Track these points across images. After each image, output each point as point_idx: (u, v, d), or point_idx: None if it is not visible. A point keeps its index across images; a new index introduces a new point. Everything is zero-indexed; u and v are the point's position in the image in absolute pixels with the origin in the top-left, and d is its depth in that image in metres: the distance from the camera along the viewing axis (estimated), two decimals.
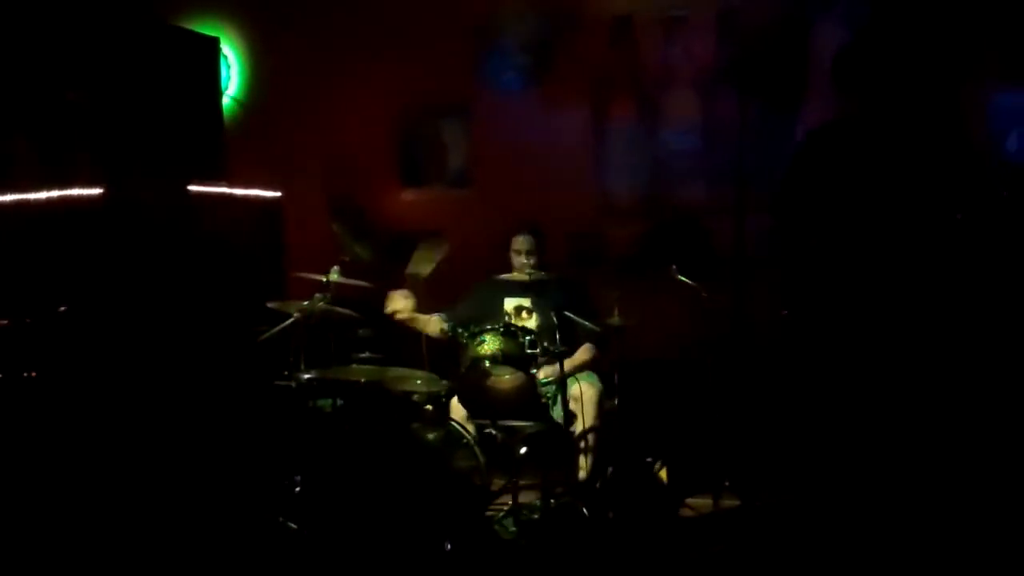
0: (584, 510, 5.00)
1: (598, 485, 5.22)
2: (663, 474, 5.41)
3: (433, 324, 5.58)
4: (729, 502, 5.42)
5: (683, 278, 5.58)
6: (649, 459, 5.42)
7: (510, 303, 5.69)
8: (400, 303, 5.55)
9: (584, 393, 5.27)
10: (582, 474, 5.30)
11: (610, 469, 5.24)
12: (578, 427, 5.24)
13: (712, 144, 6.95)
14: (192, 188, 5.88)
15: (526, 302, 5.66)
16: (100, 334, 5.54)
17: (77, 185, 5.77)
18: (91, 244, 5.68)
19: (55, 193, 5.76)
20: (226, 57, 7.19)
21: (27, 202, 5.81)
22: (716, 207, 6.78)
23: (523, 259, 5.65)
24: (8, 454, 5.16)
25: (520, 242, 5.71)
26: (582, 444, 5.30)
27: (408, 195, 7.33)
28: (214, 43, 6.68)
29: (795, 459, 5.70)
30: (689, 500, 5.43)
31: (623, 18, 7.02)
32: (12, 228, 5.79)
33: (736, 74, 6.78)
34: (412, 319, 5.57)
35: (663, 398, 5.98)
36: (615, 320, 5.28)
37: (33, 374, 5.40)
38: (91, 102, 6.09)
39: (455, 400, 5.32)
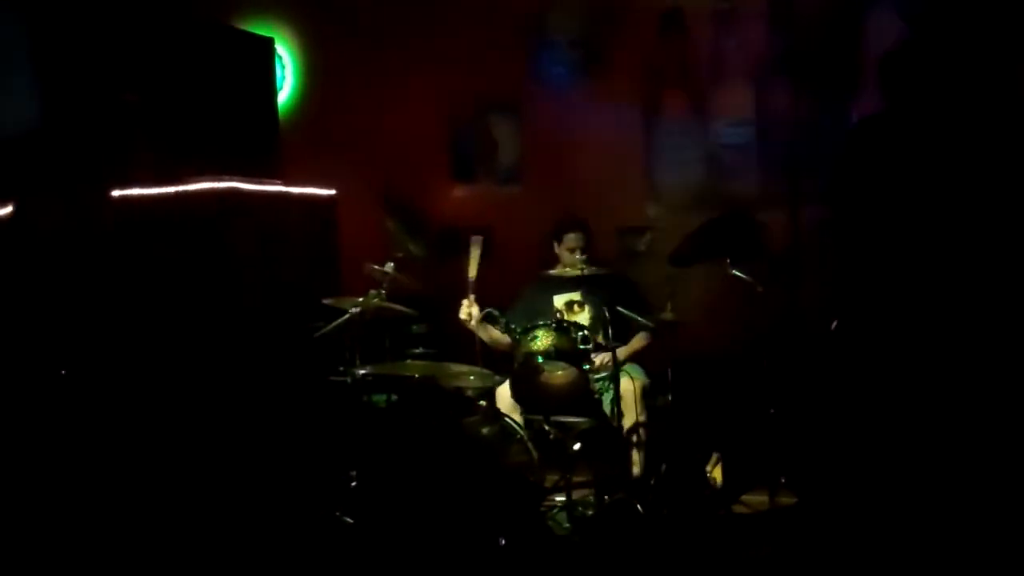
0: (638, 507, 5.00)
1: (652, 482, 5.21)
2: (718, 471, 5.39)
3: (493, 331, 5.60)
4: (785, 499, 5.38)
5: (737, 272, 5.54)
6: (704, 456, 5.40)
7: (560, 299, 5.70)
8: (467, 309, 5.57)
9: (628, 388, 5.26)
10: (636, 470, 5.29)
11: (664, 466, 5.23)
12: (627, 422, 5.24)
13: (765, 136, 6.89)
14: (249, 187, 5.93)
15: (576, 296, 5.67)
16: (160, 330, 5.62)
17: (135, 185, 5.85)
18: (149, 242, 5.76)
19: (116, 192, 5.83)
20: (280, 57, 7.25)
21: (86, 201, 5.90)
22: (769, 200, 6.73)
23: (576, 256, 5.65)
24: (62, 451, 5.25)
25: (572, 239, 5.71)
26: (633, 439, 5.29)
27: (459, 191, 7.35)
28: (269, 43, 6.74)
29: (853, 456, 5.64)
30: (744, 497, 5.40)
31: (673, 10, 6.98)
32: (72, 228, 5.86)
33: (788, 65, 6.72)
34: (480, 328, 5.57)
35: (717, 394, 5.94)
36: (668, 315, 5.27)
37: (86, 373, 5.50)
38: (148, 103, 6.16)
39: (503, 394, 5.33)
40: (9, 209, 5.79)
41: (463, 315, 5.52)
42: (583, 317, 5.58)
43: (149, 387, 5.50)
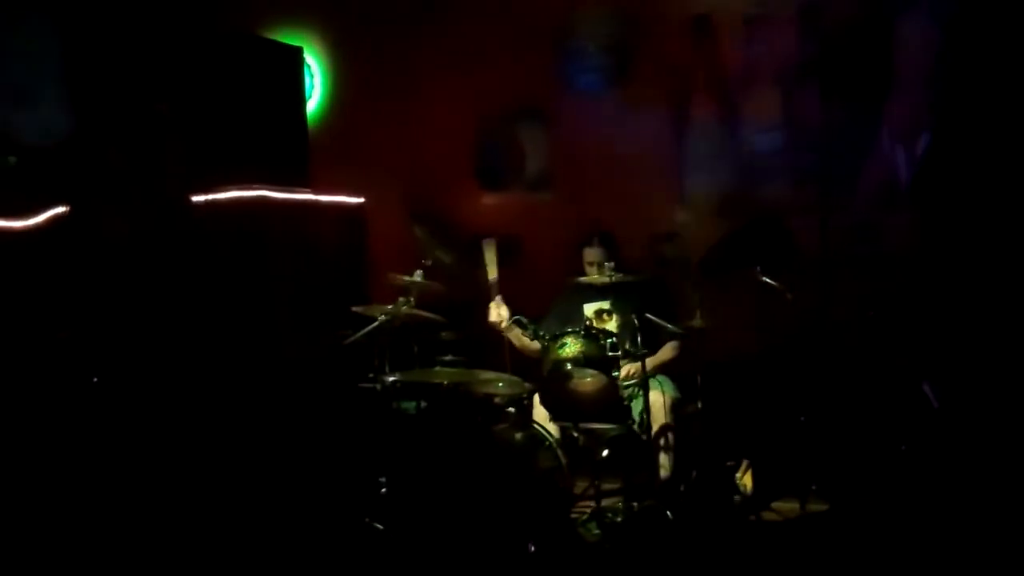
0: (668, 513, 4.98)
1: (682, 488, 5.20)
2: (748, 478, 5.37)
3: (526, 340, 5.60)
4: (816, 506, 5.34)
5: (767, 279, 5.52)
6: (733, 462, 5.37)
7: (590, 308, 5.69)
8: (497, 312, 5.57)
9: (655, 401, 5.25)
10: (664, 473, 5.28)
11: (694, 472, 5.21)
12: (655, 428, 5.23)
13: (795, 143, 6.85)
14: (279, 195, 5.96)
15: (606, 305, 5.66)
16: (192, 337, 5.65)
17: (167, 194, 5.89)
18: (178, 251, 5.79)
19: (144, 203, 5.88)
20: (309, 66, 7.29)
21: (119, 210, 5.94)
22: (799, 207, 6.70)
23: (594, 270, 5.63)
24: (99, 456, 5.29)
25: (590, 255, 5.69)
26: (661, 442, 5.27)
27: (488, 199, 7.35)
28: (298, 53, 6.78)
29: (883, 463, 5.60)
30: (775, 504, 5.37)
31: (703, 17, 6.95)
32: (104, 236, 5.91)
33: (818, 71, 6.69)
34: (509, 329, 5.58)
35: (747, 400, 5.91)
36: (697, 322, 5.26)
37: (120, 379, 5.54)
38: (179, 113, 6.21)
39: (538, 402, 5.34)
40: (46, 216, 5.84)
41: (493, 318, 5.55)
42: (612, 325, 5.56)
43: (181, 393, 5.53)
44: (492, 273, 5.53)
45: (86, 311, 5.69)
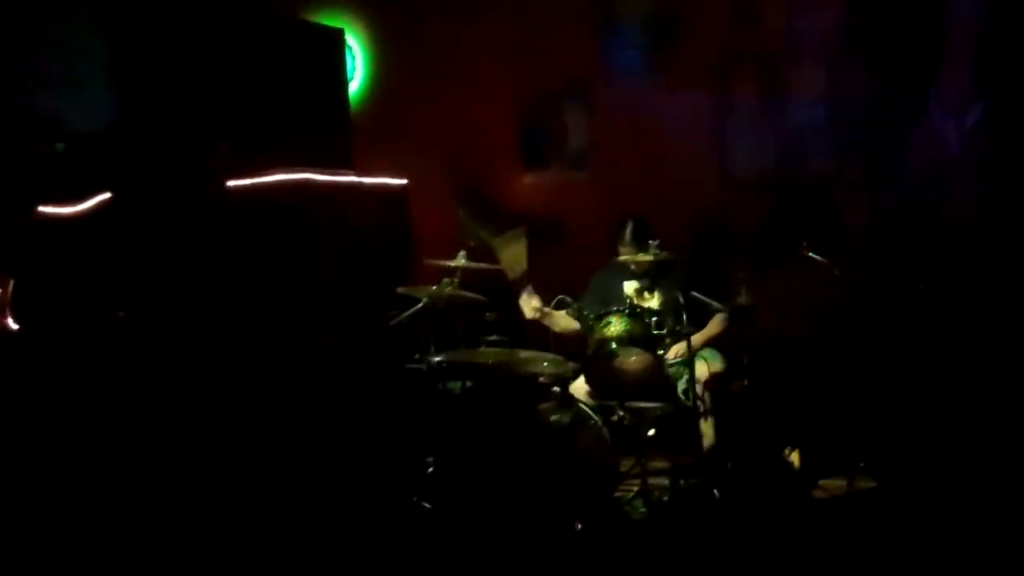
0: (715, 492, 4.97)
1: (729, 466, 5.18)
2: (796, 455, 5.34)
3: (563, 319, 5.60)
4: (864, 484, 5.31)
5: (814, 254, 5.47)
6: (781, 440, 5.35)
7: (629, 286, 5.67)
8: (530, 305, 5.58)
9: (701, 373, 5.24)
10: (706, 442, 5.26)
11: (741, 450, 5.19)
12: (701, 405, 5.22)
13: (841, 117, 6.79)
14: (323, 178, 5.99)
15: (646, 282, 5.63)
16: (240, 320, 5.70)
17: (212, 177, 5.92)
18: (225, 234, 5.83)
19: (192, 187, 5.91)
20: (351, 48, 7.31)
21: (165, 195, 5.99)
22: (846, 181, 6.63)
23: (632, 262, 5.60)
24: (153, 435, 5.36)
25: (625, 252, 5.63)
26: (701, 409, 5.26)
27: (530, 178, 7.34)
28: (339, 35, 6.79)
29: (932, 440, 5.55)
30: (822, 482, 5.34)
31: None
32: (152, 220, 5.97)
33: (865, 44, 6.61)
34: (544, 315, 5.58)
35: (794, 378, 5.87)
36: (743, 299, 5.23)
37: (170, 359, 5.61)
38: (224, 97, 6.24)
39: (579, 380, 5.34)
40: (93, 202, 5.91)
41: (529, 314, 5.54)
42: (654, 303, 5.54)
43: (229, 375, 5.58)
44: (521, 266, 5.51)
45: (134, 296, 5.75)
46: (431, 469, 5.20)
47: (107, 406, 5.45)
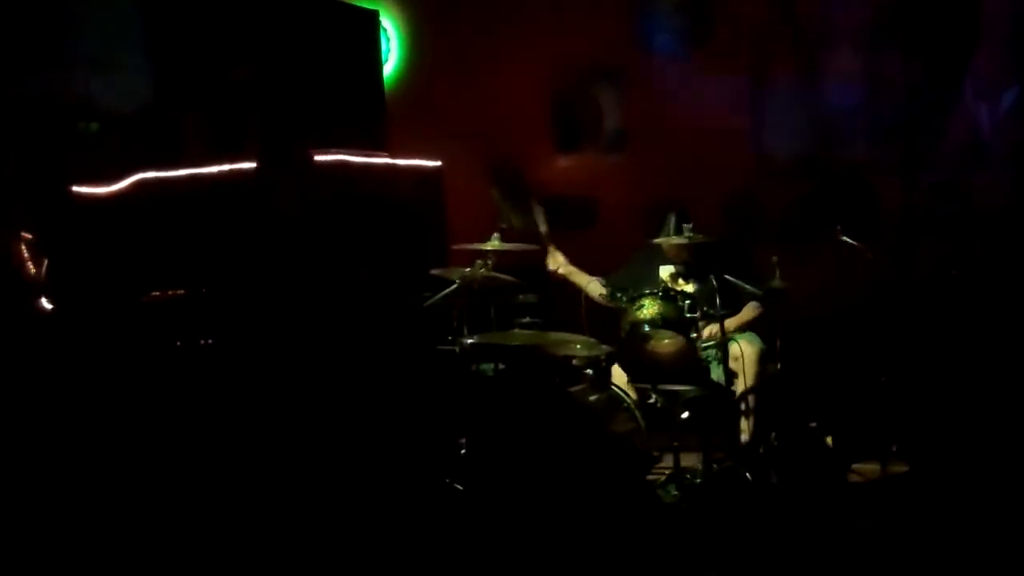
0: (748, 475, 4.97)
1: (762, 450, 5.18)
2: (829, 439, 5.33)
3: (594, 285, 5.60)
4: (897, 468, 5.29)
5: (848, 238, 5.44)
6: (814, 424, 5.33)
7: (665, 270, 5.66)
8: (554, 261, 5.61)
9: (744, 352, 5.23)
10: (744, 436, 5.27)
11: (774, 434, 5.18)
12: (739, 387, 5.21)
13: (876, 101, 6.75)
14: (358, 160, 5.99)
15: (682, 268, 5.62)
16: (277, 302, 5.72)
17: (245, 159, 5.94)
18: (262, 216, 5.85)
19: (226, 167, 5.93)
20: (385, 30, 7.30)
21: (200, 176, 6.01)
22: (881, 165, 6.60)
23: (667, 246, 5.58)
24: (188, 417, 5.39)
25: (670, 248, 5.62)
26: (743, 406, 5.26)
27: (564, 160, 7.33)
28: (374, 16, 6.79)
29: (965, 425, 5.53)
30: (856, 466, 5.33)
31: None
32: (186, 201, 5.99)
33: (900, 27, 6.56)
34: (570, 273, 5.60)
35: (828, 361, 5.86)
36: (776, 283, 5.21)
37: (210, 341, 5.63)
38: (257, 78, 6.25)
39: (614, 364, 5.35)
40: (128, 182, 5.93)
41: (551, 266, 5.59)
42: (689, 286, 5.53)
43: (263, 357, 5.61)
44: (543, 226, 5.57)
45: (169, 275, 5.79)
46: (463, 451, 5.21)
47: (142, 385, 5.50)
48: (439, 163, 6.52)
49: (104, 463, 5.14)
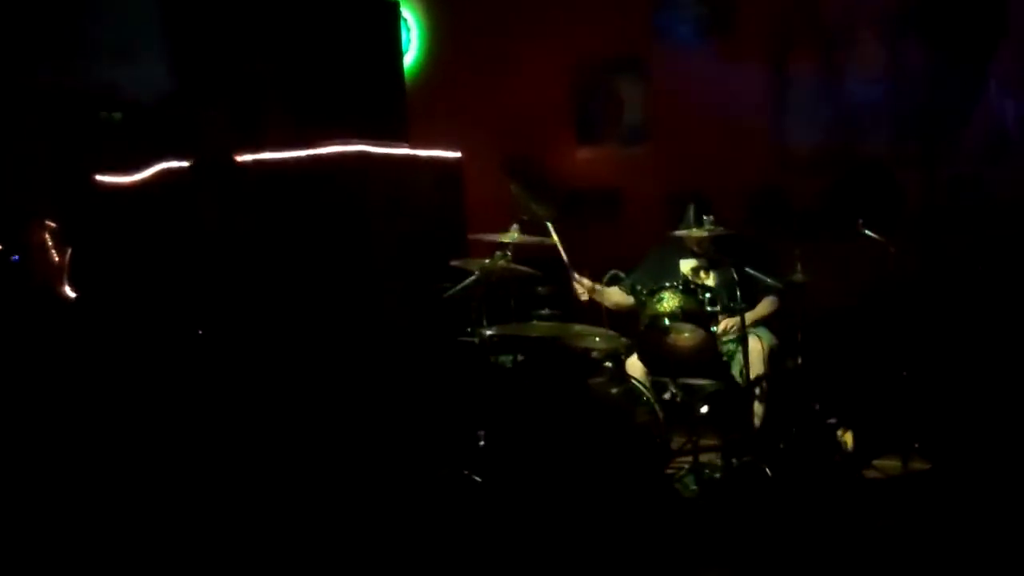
0: (767, 470, 4.95)
1: (781, 445, 5.16)
2: (849, 435, 5.30)
3: (616, 294, 5.59)
4: (919, 465, 5.27)
5: (869, 232, 5.41)
6: (834, 419, 5.31)
7: (686, 263, 5.64)
8: (580, 289, 5.60)
9: (754, 349, 5.21)
10: (757, 421, 5.25)
11: (793, 428, 5.16)
12: (752, 376, 5.20)
13: (898, 94, 6.71)
14: (378, 150, 6.00)
15: (703, 262, 5.60)
16: (293, 291, 5.74)
17: (268, 149, 5.96)
18: (283, 204, 5.87)
19: (248, 157, 5.95)
20: (406, 21, 7.31)
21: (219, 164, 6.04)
22: (903, 159, 6.56)
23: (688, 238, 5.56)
24: (207, 406, 5.42)
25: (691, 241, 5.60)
26: (756, 391, 5.24)
27: (584, 152, 7.32)
28: (394, 7, 6.79)
29: (988, 422, 5.50)
30: (876, 462, 5.31)
31: None
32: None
33: (922, 19, 6.52)
34: (595, 293, 5.58)
35: (848, 356, 5.83)
36: (797, 276, 5.19)
37: (229, 330, 5.66)
38: (279, 68, 6.27)
39: (633, 356, 5.34)
40: (151, 172, 5.97)
41: (584, 296, 5.56)
42: (711, 280, 5.52)
43: (284, 347, 5.63)
44: (563, 253, 5.55)
45: (190, 265, 5.82)
46: (482, 443, 5.22)
47: (162, 371, 5.53)
48: (459, 154, 6.52)
49: (124, 450, 5.17)
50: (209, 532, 4.63)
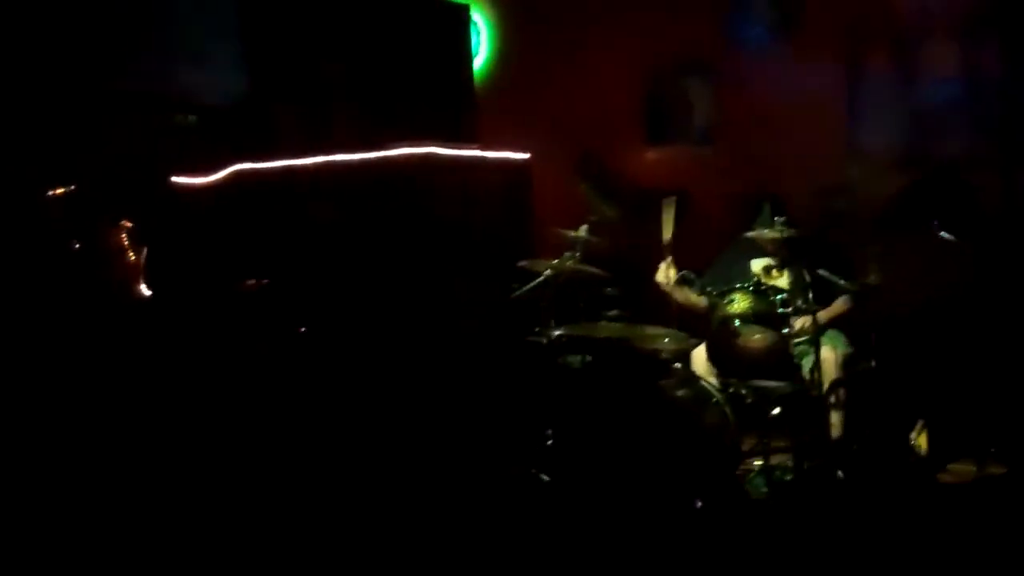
0: (839, 473, 4.90)
1: (854, 448, 5.10)
2: (923, 438, 5.23)
3: (690, 294, 5.57)
4: (994, 469, 5.17)
5: (945, 234, 5.34)
6: (908, 422, 5.24)
7: (758, 264, 5.61)
8: (665, 274, 5.57)
9: (828, 357, 5.15)
10: (835, 432, 5.19)
11: (867, 432, 5.11)
12: (826, 384, 5.14)
13: (975, 94, 6.60)
14: (447, 152, 6.03)
15: (775, 261, 5.56)
16: (364, 292, 5.79)
17: (336, 151, 6.02)
18: (353, 207, 5.92)
19: (319, 159, 6.01)
20: (476, 23, 7.34)
21: (293, 168, 6.11)
22: (979, 160, 6.45)
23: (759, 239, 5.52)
24: (282, 403, 5.48)
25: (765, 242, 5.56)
26: (832, 400, 5.19)
27: (653, 153, 7.30)
28: (464, 10, 6.83)
29: None
30: (951, 466, 5.23)
31: None
32: (280, 193, 6.09)
33: (999, 18, 6.42)
34: (675, 290, 5.56)
35: (923, 359, 5.74)
36: (872, 278, 5.13)
37: (302, 330, 5.71)
38: (350, 71, 6.33)
39: (699, 356, 5.31)
40: (224, 173, 6.05)
41: (660, 278, 5.54)
42: (782, 281, 5.47)
43: (354, 347, 5.68)
44: (668, 233, 5.50)
45: (263, 265, 5.89)
46: (550, 442, 5.22)
47: (238, 372, 5.60)
48: (528, 156, 6.54)
49: (201, 448, 5.24)
50: (295, 524, 4.69)
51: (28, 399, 5.16)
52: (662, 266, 5.55)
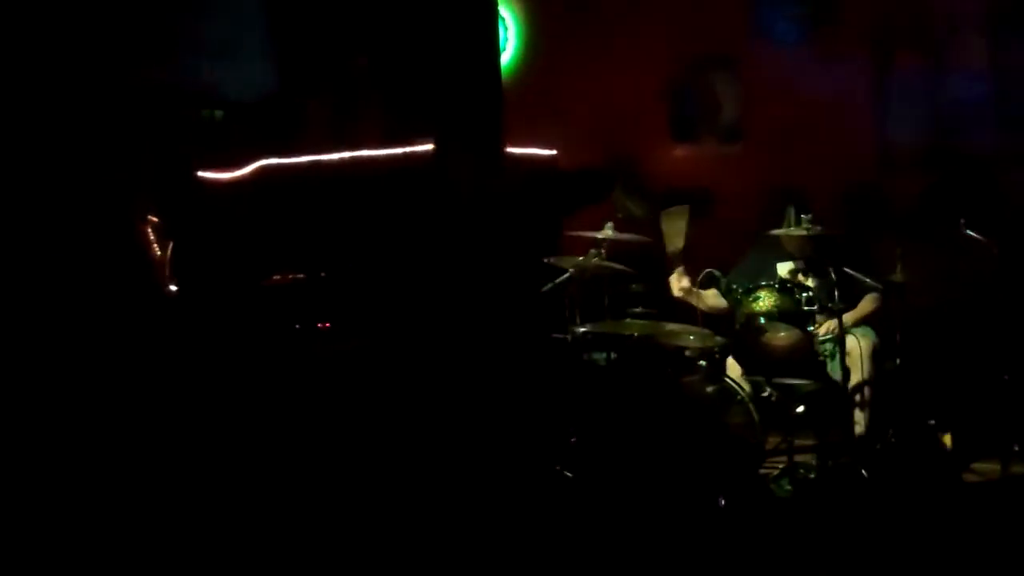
0: (863, 472, 4.89)
1: (878, 447, 5.09)
2: (948, 437, 5.21)
3: (711, 298, 5.55)
4: (1019, 468, 5.15)
5: (972, 232, 5.31)
6: (933, 421, 5.22)
7: (783, 267, 5.58)
8: (679, 284, 5.55)
9: (859, 346, 5.14)
10: (859, 429, 5.19)
11: (891, 430, 5.09)
12: (853, 381, 5.13)
13: (1004, 91, 6.56)
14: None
15: (801, 264, 5.53)
16: (389, 286, 5.81)
17: (366, 146, 6.03)
18: (383, 202, 5.94)
19: (346, 154, 6.03)
20: (503, 19, 7.34)
21: (321, 163, 6.13)
22: (1008, 157, 6.42)
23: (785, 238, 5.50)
24: (309, 399, 5.51)
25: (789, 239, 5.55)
26: (857, 398, 5.18)
27: (680, 151, 7.28)
28: (492, 6, 6.82)
29: None
30: (975, 464, 5.21)
31: None
32: (309, 187, 6.11)
33: None
34: (690, 295, 5.54)
35: (949, 358, 5.73)
36: (898, 276, 5.11)
37: (327, 325, 5.74)
38: (377, 66, 6.34)
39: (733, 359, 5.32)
40: (251, 168, 6.08)
41: (674, 290, 5.52)
42: (809, 281, 5.45)
43: (381, 340, 5.70)
44: (678, 243, 5.49)
45: (289, 259, 5.92)
46: (574, 439, 5.23)
47: (263, 366, 5.63)
48: (554, 152, 6.54)
49: (227, 442, 5.28)
50: (318, 516, 4.73)
51: (54, 392, 5.23)
52: (673, 278, 5.53)
